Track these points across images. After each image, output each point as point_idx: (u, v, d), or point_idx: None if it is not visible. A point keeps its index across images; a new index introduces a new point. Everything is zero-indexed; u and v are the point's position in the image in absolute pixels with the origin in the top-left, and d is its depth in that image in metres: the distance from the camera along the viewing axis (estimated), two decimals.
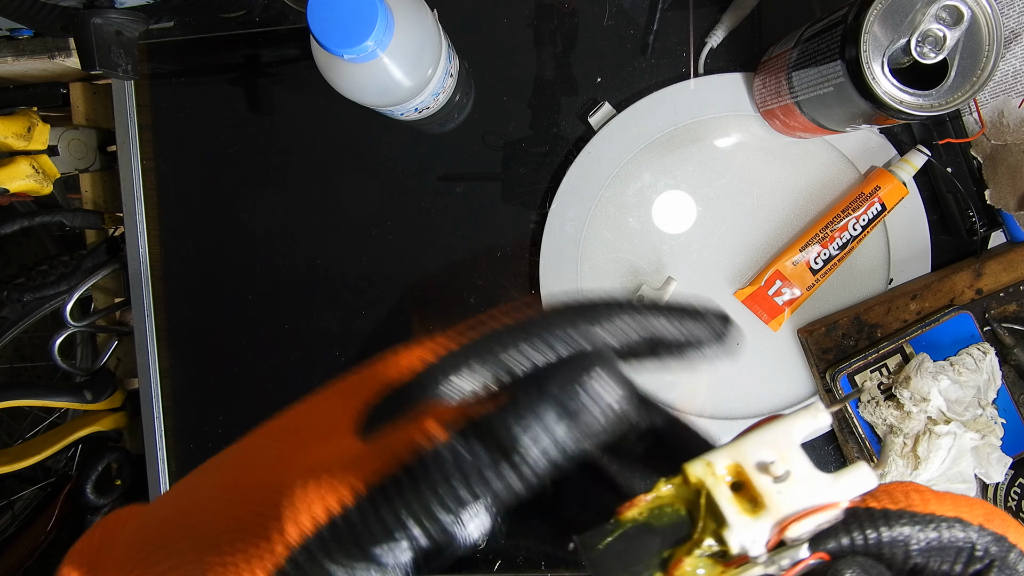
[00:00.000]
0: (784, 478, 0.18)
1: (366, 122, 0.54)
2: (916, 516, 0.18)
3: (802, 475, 0.18)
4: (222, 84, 0.56)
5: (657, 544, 0.18)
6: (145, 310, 0.57)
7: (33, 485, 0.83)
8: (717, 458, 0.18)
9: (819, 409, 0.18)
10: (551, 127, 0.53)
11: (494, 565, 0.55)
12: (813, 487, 0.17)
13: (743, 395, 0.52)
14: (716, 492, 0.18)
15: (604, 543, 0.18)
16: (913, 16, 0.34)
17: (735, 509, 0.17)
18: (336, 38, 0.34)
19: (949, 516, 0.18)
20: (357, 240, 0.55)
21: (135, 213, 0.56)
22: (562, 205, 0.51)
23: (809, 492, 0.17)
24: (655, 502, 0.18)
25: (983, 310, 0.48)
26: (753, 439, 0.19)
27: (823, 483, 0.18)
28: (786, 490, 0.17)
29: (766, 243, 0.51)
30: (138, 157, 0.56)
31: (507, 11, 0.52)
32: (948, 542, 0.18)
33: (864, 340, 0.48)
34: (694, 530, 0.18)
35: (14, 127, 0.55)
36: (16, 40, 0.55)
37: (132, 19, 0.46)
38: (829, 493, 0.17)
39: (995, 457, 0.45)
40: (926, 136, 0.48)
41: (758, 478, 0.18)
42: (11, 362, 0.98)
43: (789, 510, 0.17)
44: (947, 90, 0.35)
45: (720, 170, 0.51)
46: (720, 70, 0.50)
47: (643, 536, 0.18)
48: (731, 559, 0.17)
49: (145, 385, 0.57)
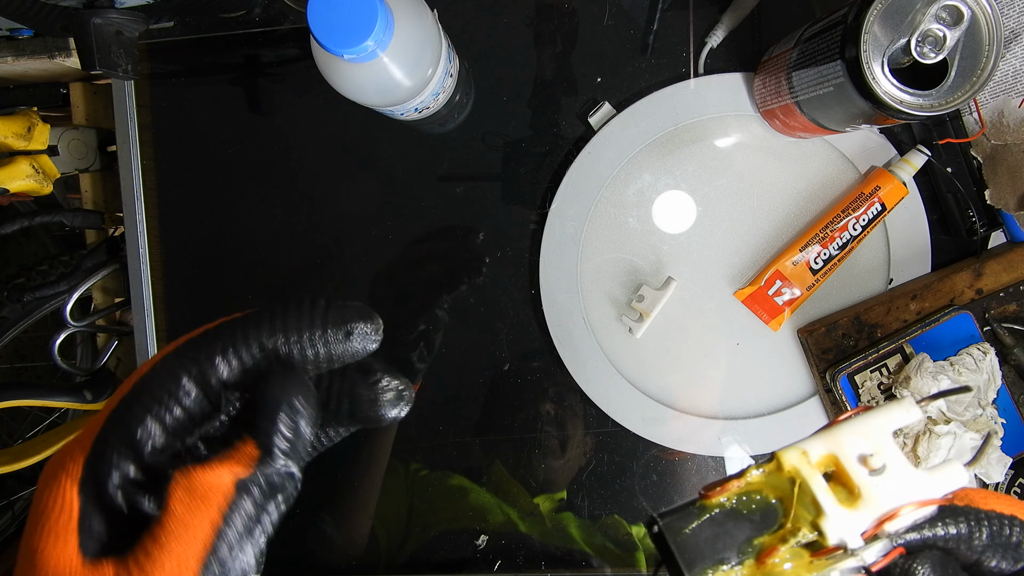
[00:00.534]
0: (881, 471, 0.17)
1: (366, 122, 0.54)
2: (979, 512, 0.19)
3: (898, 469, 0.18)
4: (222, 84, 0.56)
5: (746, 531, 0.17)
6: (145, 310, 0.57)
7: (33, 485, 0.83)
8: (812, 447, 0.18)
9: (912, 403, 0.18)
10: (551, 127, 0.53)
11: (494, 565, 0.55)
12: (910, 482, 0.17)
13: (743, 395, 0.52)
14: (813, 482, 0.17)
15: (690, 527, 0.17)
16: (913, 16, 0.34)
17: (833, 500, 0.17)
18: (336, 38, 0.34)
19: (1007, 514, 0.19)
20: (357, 240, 0.55)
21: (135, 213, 0.56)
22: (562, 205, 0.51)
23: (907, 487, 0.17)
24: (745, 488, 0.18)
25: (983, 310, 0.48)
26: (848, 429, 0.18)
27: (919, 479, 0.17)
28: (883, 484, 0.17)
29: (766, 243, 0.51)
30: (138, 157, 0.56)
31: (507, 11, 0.52)
32: (1005, 538, 0.19)
33: (864, 340, 0.48)
34: (785, 519, 0.18)
35: (14, 127, 0.55)
36: (16, 40, 0.55)
37: (132, 19, 0.46)
38: (926, 489, 0.17)
39: (995, 457, 0.45)
40: (926, 136, 0.48)
41: (856, 469, 0.17)
42: (11, 362, 0.99)
43: (889, 504, 0.17)
44: (947, 90, 0.35)
45: (720, 170, 0.51)
46: (720, 70, 0.50)
47: (732, 522, 0.17)
48: (822, 549, 0.17)
49: None
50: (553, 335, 0.52)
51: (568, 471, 0.55)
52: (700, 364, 0.52)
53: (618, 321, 0.52)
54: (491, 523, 0.55)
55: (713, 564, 0.17)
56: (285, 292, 0.56)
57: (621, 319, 0.52)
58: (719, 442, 0.51)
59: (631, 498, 0.54)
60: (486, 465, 0.55)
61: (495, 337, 0.54)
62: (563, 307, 0.52)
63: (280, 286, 0.56)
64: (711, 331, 0.52)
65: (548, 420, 0.54)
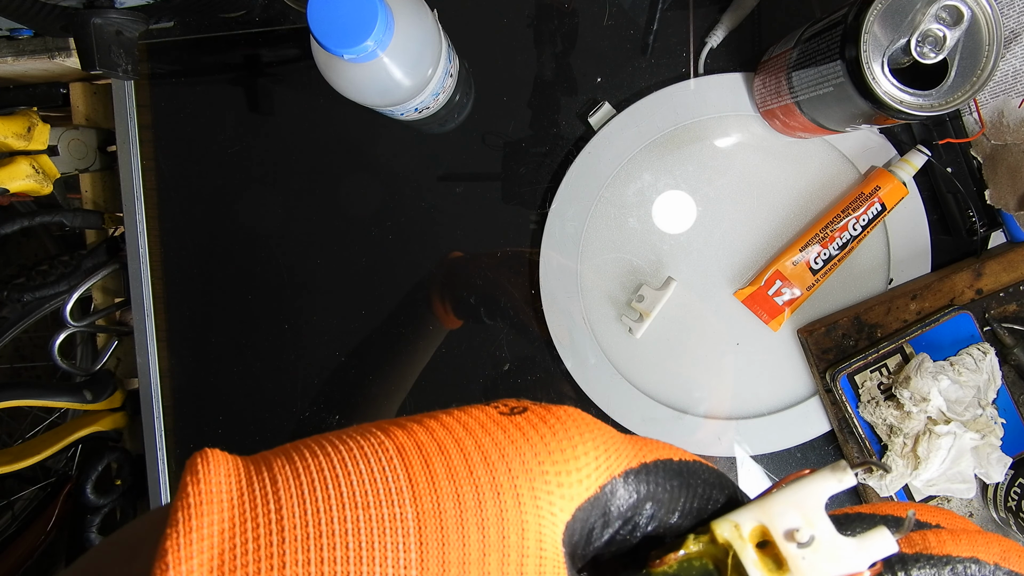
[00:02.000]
0: (808, 543, 0.18)
1: (366, 122, 0.54)
2: (932, 558, 0.18)
3: (826, 540, 0.18)
4: (222, 84, 0.56)
5: None
6: (145, 310, 0.57)
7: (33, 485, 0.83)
8: (744, 519, 0.19)
9: (845, 470, 0.19)
10: (551, 127, 0.53)
11: None
12: (836, 553, 0.18)
13: (743, 395, 0.52)
14: (743, 555, 0.18)
15: None
16: (913, 16, 0.34)
17: (760, 572, 0.18)
18: (336, 38, 0.34)
19: (965, 556, 0.18)
20: (357, 240, 0.55)
21: (135, 213, 0.56)
22: (562, 205, 0.51)
23: (833, 558, 0.18)
24: (687, 557, 0.19)
25: (983, 310, 0.48)
26: (779, 500, 0.19)
27: (846, 549, 0.18)
28: (810, 556, 0.18)
29: (766, 243, 0.51)
30: (138, 157, 0.56)
31: (507, 11, 0.52)
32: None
33: (864, 340, 0.48)
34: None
35: (14, 127, 0.55)
36: (16, 40, 0.55)
37: (132, 19, 0.46)
38: (852, 560, 0.18)
39: (995, 457, 0.45)
40: (926, 136, 0.48)
41: (783, 543, 0.18)
42: (11, 362, 0.99)
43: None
44: (947, 90, 0.35)
45: (720, 170, 0.51)
46: (720, 70, 0.50)
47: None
48: None
49: (145, 385, 0.57)
50: (553, 335, 0.52)
51: None
52: (700, 364, 0.52)
53: (618, 321, 0.52)
54: None
55: None
56: (285, 292, 0.56)
57: (621, 319, 0.52)
58: (719, 442, 0.51)
59: None
60: None
61: (495, 337, 0.54)
62: (563, 307, 0.52)
63: (280, 286, 0.56)
64: (711, 331, 0.52)
65: None
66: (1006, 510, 0.47)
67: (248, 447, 0.58)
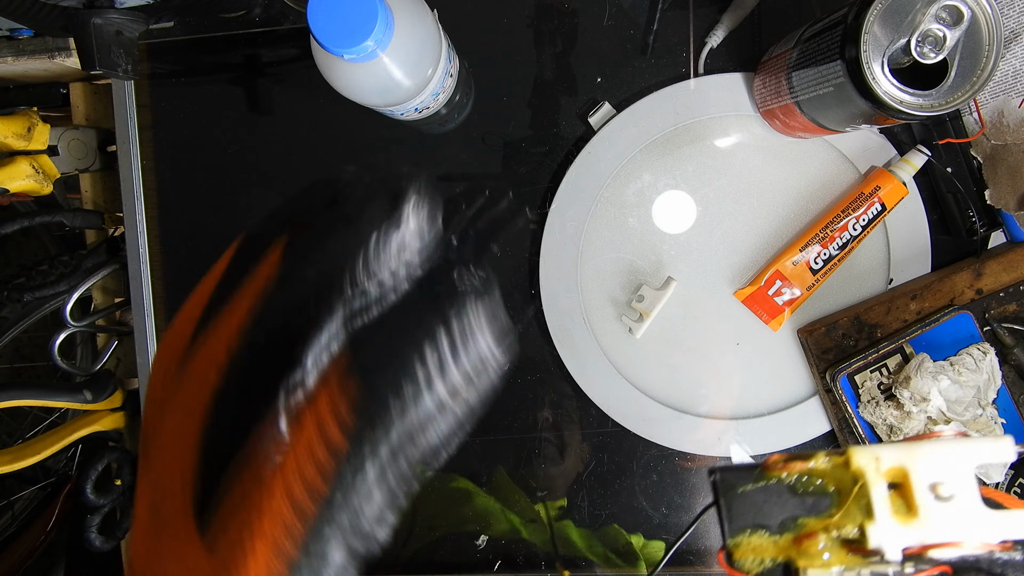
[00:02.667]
0: (947, 499, 0.17)
1: (366, 122, 0.54)
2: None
3: (967, 503, 0.17)
4: (222, 84, 0.56)
5: (795, 509, 0.18)
6: (145, 310, 0.57)
7: (33, 485, 0.83)
8: (887, 454, 0.18)
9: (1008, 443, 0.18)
10: (551, 127, 0.53)
11: (494, 565, 0.55)
12: (972, 519, 0.17)
13: (743, 395, 0.52)
14: (874, 488, 0.18)
15: (744, 488, 0.18)
16: (913, 16, 0.34)
17: (888, 510, 0.17)
18: (336, 38, 0.34)
19: None
20: None
21: (135, 213, 0.56)
22: (562, 205, 0.51)
23: (967, 523, 0.17)
24: (808, 470, 0.18)
25: (983, 310, 0.48)
26: (931, 449, 0.18)
27: (983, 519, 0.17)
28: (945, 511, 0.17)
29: (766, 243, 0.51)
30: (138, 157, 0.56)
31: (507, 11, 0.52)
32: None
33: (864, 340, 0.48)
34: (836, 511, 0.18)
35: (14, 127, 0.55)
36: (16, 40, 0.55)
37: (132, 19, 0.46)
38: (986, 531, 0.17)
39: None
40: (926, 136, 0.48)
41: (922, 490, 0.18)
42: (11, 362, 0.99)
43: (943, 534, 0.17)
44: (947, 90, 0.35)
45: (720, 170, 0.51)
46: (720, 70, 0.50)
47: (784, 496, 0.18)
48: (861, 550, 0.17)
49: (145, 385, 0.57)
50: (553, 335, 0.52)
51: (568, 472, 0.55)
52: (700, 364, 0.52)
53: (618, 321, 0.52)
54: (494, 529, 0.55)
55: (754, 527, 0.18)
56: None
57: (621, 319, 0.52)
58: (719, 442, 0.51)
59: (631, 498, 0.54)
60: (487, 468, 0.55)
61: None
62: (563, 307, 0.52)
63: None
64: (711, 331, 0.52)
65: (547, 422, 0.54)
66: None
67: None
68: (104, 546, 0.59)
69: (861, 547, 0.17)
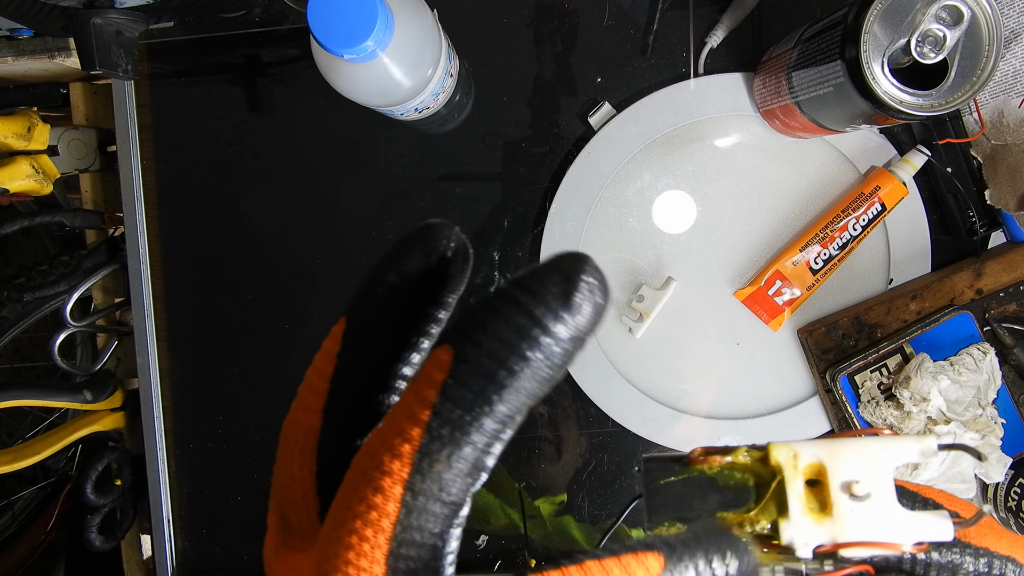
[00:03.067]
0: (863, 499, 0.17)
1: (366, 122, 0.54)
2: (969, 548, 0.18)
3: (882, 503, 0.17)
4: (222, 84, 0.56)
5: (715, 502, 0.18)
6: (145, 310, 0.57)
7: (33, 485, 0.83)
8: (805, 451, 0.18)
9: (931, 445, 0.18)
10: (551, 127, 0.53)
11: (494, 565, 0.55)
12: (887, 520, 0.17)
13: (743, 395, 0.52)
14: (790, 484, 0.17)
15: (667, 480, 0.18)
16: (913, 16, 0.34)
17: (801, 507, 0.17)
18: (336, 38, 0.34)
19: (1004, 554, 0.18)
20: (357, 240, 0.55)
21: (135, 213, 0.56)
22: (562, 205, 0.51)
23: (881, 524, 0.17)
24: (729, 464, 0.18)
25: (983, 310, 0.48)
26: (848, 447, 0.18)
27: (899, 520, 0.17)
28: (859, 512, 0.17)
29: (766, 243, 0.51)
30: (138, 157, 0.56)
31: (507, 11, 0.52)
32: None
33: (864, 340, 0.48)
34: (754, 505, 0.18)
35: (14, 127, 0.55)
36: (16, 40, 0.55)
37: (132, 19, 0.46)
38: (900, 532, 0.17)
39: (995, 457, 0.45)
40: (926, 136, 0.48)
41: (836, 489, 0.17)
42: (11, 362, 0.99)
43: (855, 534, 0.17)
44: (947, 90, 0.35)
45: (720, 170, 0.51)
46: (720, 70, 0.50)
47: (705, 489, 0.18)
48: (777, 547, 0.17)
49: (145, 385, 0.57)
50: None
51: (567, 471, 0.55)
52: (700, 364, 0.52)
53: (618, 321, 0.52)
54: (493, 525, 0.55)
55: (672, 519, 0.18)
56: (285, 291, 0.56)
57: (621, 319, 0.52)
58: (719, 442, 0.51)
59: (631, 498, 0.54)
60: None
61: None
62: None
63: (280, 286, 0.56)
64: (711, 331, 0.52)
65: (546, 422, 0.54)
66: (1006, 510, 0.47)
67: (248, 447, 0.58)
68: (104, 546, 0.59)
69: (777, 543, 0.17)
